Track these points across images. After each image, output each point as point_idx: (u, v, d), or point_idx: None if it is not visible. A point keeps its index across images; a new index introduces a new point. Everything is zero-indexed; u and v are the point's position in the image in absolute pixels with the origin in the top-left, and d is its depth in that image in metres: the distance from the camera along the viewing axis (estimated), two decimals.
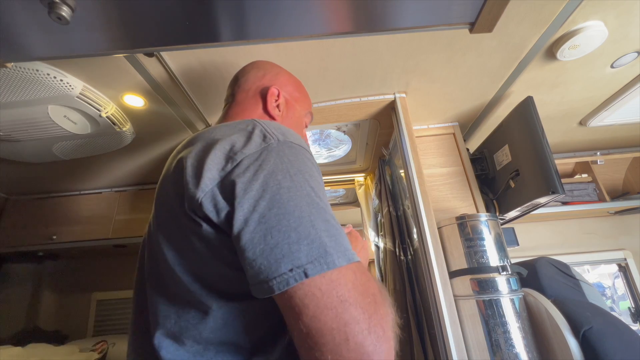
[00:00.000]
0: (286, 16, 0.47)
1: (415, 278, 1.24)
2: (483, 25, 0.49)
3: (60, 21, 0.42)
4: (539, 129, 1.03)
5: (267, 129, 0.44)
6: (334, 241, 0.36)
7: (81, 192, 1.84)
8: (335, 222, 0.38)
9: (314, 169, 0.42)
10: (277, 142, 0.42)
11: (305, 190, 0.38)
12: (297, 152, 0.42)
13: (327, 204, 0.40)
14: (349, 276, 0.35)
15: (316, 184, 0.40)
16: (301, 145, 0.44)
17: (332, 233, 0.37)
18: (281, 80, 0.70)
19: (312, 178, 0.40)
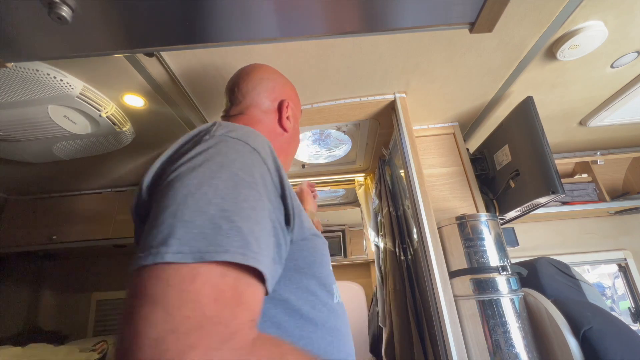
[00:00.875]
0: (286, 16, 0.47)
1: (415, 278, 1.24)
2: (483, 25, 0.49)
3: (60, 21, 0.42)
4: (539, 129, 1.03)
5: (212, 128, 0.44)
6: (190, 233, 0.30)
7: (81, 192, 1.84)
8: (222, 215, 0.32)
9: (238, 162, 0.38)
10: (212, 137, 0.41)
11: (202, 181, 0.35)
12: (228, 146, 0.40)
13: (223, 197, 0.34)
14: (173, 281, 0.28)
15: (222, 176, 0.36)
16: (240, 139, 0.41)
17: (197, 224, 0.31)
18: (287, 91, 0.72)
19: (222, 170, 0.36)
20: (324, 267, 0.49)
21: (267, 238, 0.36)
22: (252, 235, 0.33)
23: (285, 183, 0.43)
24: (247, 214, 0.34)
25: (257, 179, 0.38)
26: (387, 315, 1.26)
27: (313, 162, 1.72)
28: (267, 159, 0.42)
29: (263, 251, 0.34)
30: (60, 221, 1.77)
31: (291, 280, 0.43)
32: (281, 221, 0.41)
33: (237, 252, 0.31)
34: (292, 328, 0.42)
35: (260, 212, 0.36)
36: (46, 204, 1.82)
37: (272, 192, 0.40)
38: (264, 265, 0.33)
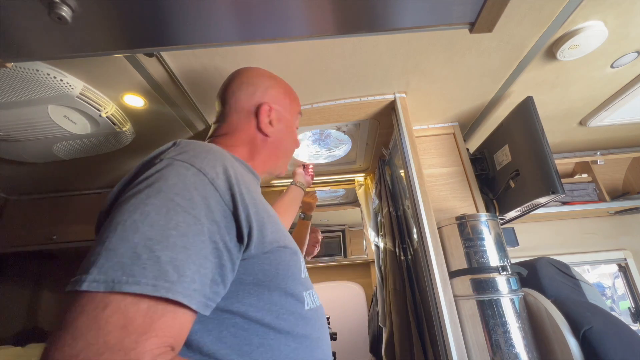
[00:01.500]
0: (286, 16, 0.47)
1: (415, 278, 1.24)
2: (483, 25, 0.49)
3: (60, 21, 0.42)
4: (539, 129, 1.03)
5: (169, 149, 0.45)
6: (110, 261, 0.33)
7: (81, 192, 1.84)
8: (144, 244, 0.34)
9: (177, 187, 0.39)
10: (161, 161, 0.43)
11: (136, 208, 0.37)
12: (171, 169, 0.41)
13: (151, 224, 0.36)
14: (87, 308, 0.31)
15: (156, 202, 0.37)
16: (185, 162, 0.42)
17: (119, 253, 0.33)
18: (272, 93, 0.69)
19: (158, 196, 0.38)
20: (289, 278, 0.49)
21: (200, 262, 0.37)
22: (171, 264, 0.34)
23: (238, 200, 0.43)
24: (173, 241, 0.36)
25: (196, 202, 0.39)
26: (387, 315, 1.26)
27: (313, 162, 1.72)
28: (215, 179, 0.43)
29: (185, 278, 0.35)
30: (60, 221, 1.77)
31: (250, 293, 0.45)
32: (227, 241, 0.41)
33: (149, 283, 0.32)
34: (252, 336, 0.43)
35: (192, 237, 0.37)
36: (46, 204, 1.82)
37: (219, 212, 0.41)
38: (179, 293, 0.34)
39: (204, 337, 0.41)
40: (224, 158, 0.47)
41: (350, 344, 2.12)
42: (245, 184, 0.48)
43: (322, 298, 0.60)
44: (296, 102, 0.75)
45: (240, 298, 0.44)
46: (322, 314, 0.57)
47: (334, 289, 2.34)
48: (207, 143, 0.51)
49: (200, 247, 0.38)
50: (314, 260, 2.22)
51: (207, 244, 0.39)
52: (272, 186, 1.86)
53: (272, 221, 0.50)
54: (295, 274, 0.51)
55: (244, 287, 0.45)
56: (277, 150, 0.68)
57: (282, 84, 0.73)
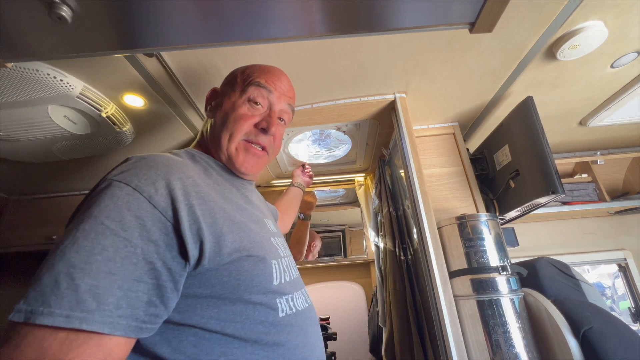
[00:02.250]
0: (286, 16, 0.47)
1: (415, 278, 1.24)
2: (483, 25, 0.49)
3: (60, 21, 0.42)
4: (539, 129, 1.03)
5: (116, 167, 0.45)
6: (34, 291, 0.33)
7: (81, 192, 1.84)
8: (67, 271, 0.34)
9: (108, 209, 0.39)
10: (103, 181, 0.43)
11: (67, 234, 0.38)
12: (106, 192, 0.41)
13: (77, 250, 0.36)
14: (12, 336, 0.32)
15: (86, 227, 0.37)
16: (122, 181, 0.41)
17: (43, 282, 0.34)
18: (228, 77, 0.68)
19: (88, 221, 0.38)
20: (254, 287, 0.46)
21: (129, 285, 0.37)
22: (90, 293, 0.34)
23: (182, 215, 0.41)
24: (96, 267, 0.35)
25: (127, 224, 0.38)
26: (387, 315, 1.26)
27: (313, 162, 1.72)
28: (153, 195, 0.41)
29: (106, 306, 0.34)
30: (60, 221, 1.77)
31: (209, 305, 0.43)
32: (168, 259, 0.40)
33: (62, 314, 0.32)
34: (213, 345, 0.42)
35: (120, 261, 0.36)
36: (46, 204, 1.82)
37: (157, 231, 0.40)
38: (96, 322, 0.33)
39: (163, 347, 0.41)
40: (172, 170, 0.45)
41: (350, 344, 2.12)
42: (201, 191, 0.46)
43: (322, 298, 0.59)
44: (250, 75, 0.64)
45: (198, 311, 0.43)
46: (306, 318, 0.54)
47: (334, 289, 2.34)
48: (157, 155, 0.48)
49: (131, 270, 0.37)
50: (315, 260, 2.23)
51: (141, 265, 0.38)
52: (271, 186, 1.86)
53: (236, 228, 0.48)
54: (263, 282, 0.48)
55: (201, 300, 0.43)
56: (215, 130, 0.62)
57: (244, 67, 0.68)
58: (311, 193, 1.38)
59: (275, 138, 0.64)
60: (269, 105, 0.64)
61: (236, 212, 0.51)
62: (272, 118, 0.62)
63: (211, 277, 0.44)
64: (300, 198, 1.14)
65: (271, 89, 0.63)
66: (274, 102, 0.64)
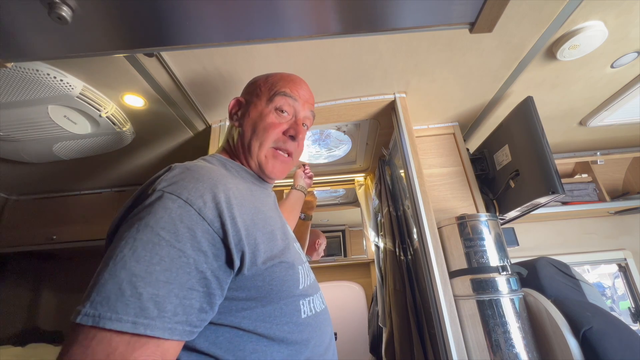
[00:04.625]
0: (286, 16, 0.47)
1: (415, 278, 1.24)
2: (483, 25, 0.49)
3: (60, 21, 0.42)
4: (539, 129, 1.03)
5: (162, 176, 0.47)
6: (99, 296, 0.36)
7: (81, 192, 1.84)
8: (129, 280, 0.37)
9: (163, 221, 0.41)
10: (153, 192, 0.44)
11: (127, 243, 0.40)
12: (159, 203, 0.43)
13: (137, 260, 0.38)
14: (80, 338, 0.35)
15: (144, 237, 0.40)
16: (173, 193, 0.43)
17: (107, 288, 0.36)
18: (246, 88, 0.71)
19: (145, 231, 0.40)
20: (284, 292, 0.51)
21: (184, 294, 0.40)
22: (152, 301, 0.37)
23: (228, 227, 0.44)
24: (156, 276, 0.38)
25: (181, 235, 0.41)
26: (387, 315, 1.26)
27: (313, 162, 1.72)
28: (202, 208, 0.43)
29: (166, 313, 0.38)
30: (60, 221, 1.77)
31: (243, 308, 0.47)
32: (216, 268, 0.43)
33: (129, 320, 0.36)
34: (245, 343, 0.47)
35: (176, 270, 0.39)
36: (46, 204, 1.82)
37: (207, 242, 0.43)
38: (158, 328, 0.37)
39: (201, 342, 0.45)
40: (216, 182, 0.47)
41: (350, 344, 2.12)
42: (240, 203, 0.48)
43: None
44: (275, 85, 0.67)
45: (233, 312, 0.46)
46: (323, 319, 0.58)
47: (334, 289, 2.34)
48: (200, 165, 0.51)
49: (185, 279, 0.40)
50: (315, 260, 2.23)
51: (194, 274, 0.41)
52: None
53: (267, 238, 0.51)
54: (292, 287, 0.52)
55: (236, 302, 0.47)
56: (245, 139, 0.65)
57: (267, 75, 0.70)
58: (311, 193, 1.38)
59: (300, 143, 0.68)
60: (294, 112, 0.67)
61: (267, 221, 0.54)
62: (298, 126, 0.66)
63: (248, 282, 0.47)
64: (302, 201, 1.14)
65: (296, 98, 0.67)
66: (299, 109, 0.67)
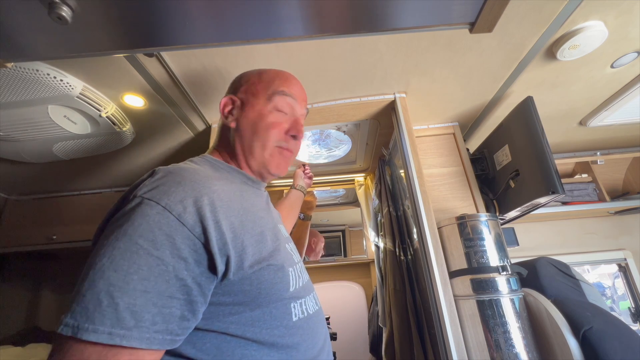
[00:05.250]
0: (286, 16, 0.47)
1: (415, 278, 1.24)
2: (483, 25, 0.49)
3: (60, 21, 0.42)
4: (539, 129, 1.03)
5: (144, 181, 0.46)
6: (79, 306, 0.36)
7: (81, 192, 1.84)
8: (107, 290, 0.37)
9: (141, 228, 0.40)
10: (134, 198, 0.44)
11: (105, 252, 0.39)
12: (138, 210, 0.42)
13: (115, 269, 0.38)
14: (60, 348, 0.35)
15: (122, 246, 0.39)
16: (152, 199, 0.43)
17: (86, 298, 0.36)
18: (236, 86, 0.68)
19: (123, 239, 0.39)
20: (273, 295, 0.49)
21: (163, 302, 0.39)
22: (128, 310, 0.36)
23: (211, 232, 0.43)
24: (133, 286, 0.37)
25: (159, 243, 0.40)
26: (387, 315, 1.26)
27: (313, 162, 1.72)
28: (182, 214, 0.42)
29: (143, 323, 0.37)
30: (60, 221, 1.77)
31: (230, 312, 0.46)
32: (197, 275, 0.42)
33: (105, 331, 0.35)
34: (234, 348, 0.45)
35: (154, 279, 0.39)
36: (46, 204, 1.82)
37: (187, 248, 0.42)
38: (135, 339, 0.36)
39: (187, 348, 0.43)
40: (199, 186, 0.46)
41: (350, 344, 2.12)
42: (226, 206, 0.47)
43: (322, 298, 0.60)
44: (273, 84, 0.66)
45: (220, 318, 0.45)
46: (317, 321, 0.56)
47: (334, 289, 2.34)
48: (184, 168, 0.50)
49: (164, 287, 0.39)
50: (315, 260, 2.23)
51: (173, 282, 0.40)
52: (271, 186, 1.86)
53: (256, 240, 0.49)
54: (281, 290, 0.50)
55: (223, 308, 0.45)
56: (244, 139, 0.63)
57: (258, 73, 0.68)
58: (311, 193, 1.38)
59: (299, 141, 0.69)
60: (291, 111, 0.67)
61: (257, 222, 0.52)
62: (299, 125, 0.66)
63: (234, 287, 0.46)
64: (301, 201, 1.14)
65: (294, 97, 0.67)
66: (296, 108, 0.67)
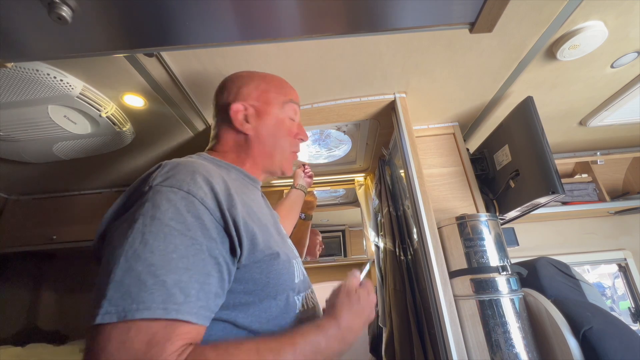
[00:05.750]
0: (286, 16, 0.47)
1: (415, 278, 1.24)
2: (483, 25, 0.49)
3: (60, 21, 0.42)
4: (539, 129, 1.03)
5: (153, 174, 0.46)
6: (118, 292, 0.35)
7: (81, 192, 1.84)
8: (148, 270, 0.36)
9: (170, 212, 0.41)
10: (150, 189, 0.44)
11: (135, 237, 0.39)
12: (161, 197, 0.42)
13: (152, 251, 0.38)
14: (108, 337, 0.34)
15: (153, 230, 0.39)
16: (172, 187, 0.43)
17: (125, 283, 0.35)
18: (244, 91, 0.67)
19: (153, 223, 0.39)
20: (280, 285, 0.50)
21: (203, 279, 0.40)
22: (177, 287, 0.37)
23: (227, 216, 0.45)
24: (175, 264, 0.38)
25: (190, 224, 0.41)
26: (387, 315, 1.26)
27: (313, 162, 1.72)
28: (204, 198, 0.44)
29: (191, 298, 0.38)
30: (60, 221, 1.77)
31: (240, 302, 0.47)
32: (225, 254, 0.44)
33: (159, 307, 0.35)
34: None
35: (192, 257, 0.40)
36: (46, 204, 1.82)
37: (214, 229, 0.43)
38: (187, 313, 0.37)
39: None
40: (209, 175, 0.48)
41: None
42: (235, 195, 0.48)
43: (322, 298, 0.61)
44: (282, 92, 0.70)
45: (229, 306, 0.46)
46: (315, 316, 0.58)
47: None
48: (191, 161, 0.50)
49: (202, 265, 0.40)
50: (315, 260, 2.22)
51: (208, 260, 0.41)
52: (272, 186, 1.86)
53: (264, 230, 0.51)
54: (288, 281, 0.52)
55: (234, 295, 0.46)
56: (265, 146, 0.65)
57: (261, 78, 0.70)
58: (311, 192, 1.39)
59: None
60: (296, 117, 0.73)
61: (260, 216, 0.54)
62: (303, 129, 0.73)
63: (245, 274, 0.47)
64: (302, 200, 1.14)
65: (298, 105, 0.73)
66: (299, 113, 0.74)
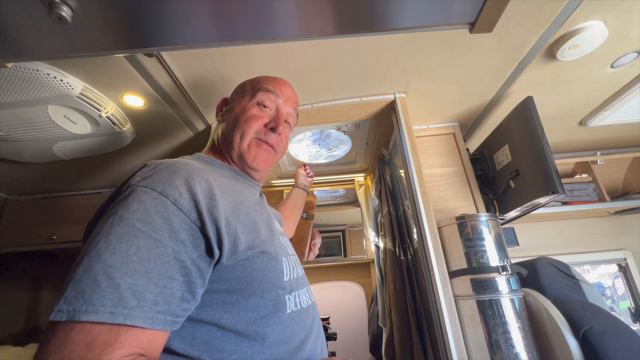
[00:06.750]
0: (286, 16, 0.47)
1: (415, 278, 1.23)
2: (483, 25, 0.49)
3: (60, 21, 0.42)
4: (539, 129, 1.03)
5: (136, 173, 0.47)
6: (74, 291, 0.35)
7: (81, 192, 1.84)
8: (105, 272, 0.36)
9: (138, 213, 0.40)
10: (127, 188, 0.44)
11: (101, 237, 0.39)
12: (133, 197, 0.42)
13: (113, 252, 0.37)
14: (56, 334, 0.34)
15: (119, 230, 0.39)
16: (147, 187, 0.43)
17: (82, 283, 0.35)
18: (233, 91, 0.75)
19: (120, 224, 0.39)
20: (266, 284, 0.49)
21: (164, 283, 0.39)
22: (130, 290, 0.36)
23: (205, 217, 0.44)
24: (133, 267, 0.37)
25: (157, 225, 0.40)
26: (387, 315, 1.26)
27: (313, 162, 1.72)
28: (178, 199, 0.43)
29: (146, 302, 0.37)
30: (60, 221, 1.77)
31: (224, 301, 0.46)
32: (196, 258, 0.43)
33: (107, 311, 0.34)
34: (224, 344, 0.45)
35: (154, 260, 0.39)
36: (46, 204, 1.82)
37: (185, 231, 0.42)
38: (138, 318, 0.36)
39: (177, 342, 0.43)
40: (192, 174, 0.47)
41: (350, 344, 2.12)
42: (220, 195, 0.48)
43: (322, 298, 0.60)
44: (256, 83, 0.71)
45: (213, 307, 0.45)
46: (309, 315, 0.56)
47: (334, 289, 2.33)
48: (176, 161, 0.50)
49: (164, 268, 0.39)
50: (315, 260, 2.22)
51: (173, 264, 0.40)
52: (272, 186, 1.86)
53: (250, 228, 0.50)
54: (274, 279, 0.51)
55: (217, 295, 0.45)
56: (227, 129, 0.67)
57: (252, 79, 0.74)
58: (311, 192, 1.39)
59: (282, 138, 0.69)
60: (276, 108, 0.69)
61: (249, 214, 0.53)
62: (279, 118, 0.68)
63: (228, 273, 0.46)
64: (304, 199, 1.14)
65: (278, 94, 0.69)
66: (281, 105, 0.69)
